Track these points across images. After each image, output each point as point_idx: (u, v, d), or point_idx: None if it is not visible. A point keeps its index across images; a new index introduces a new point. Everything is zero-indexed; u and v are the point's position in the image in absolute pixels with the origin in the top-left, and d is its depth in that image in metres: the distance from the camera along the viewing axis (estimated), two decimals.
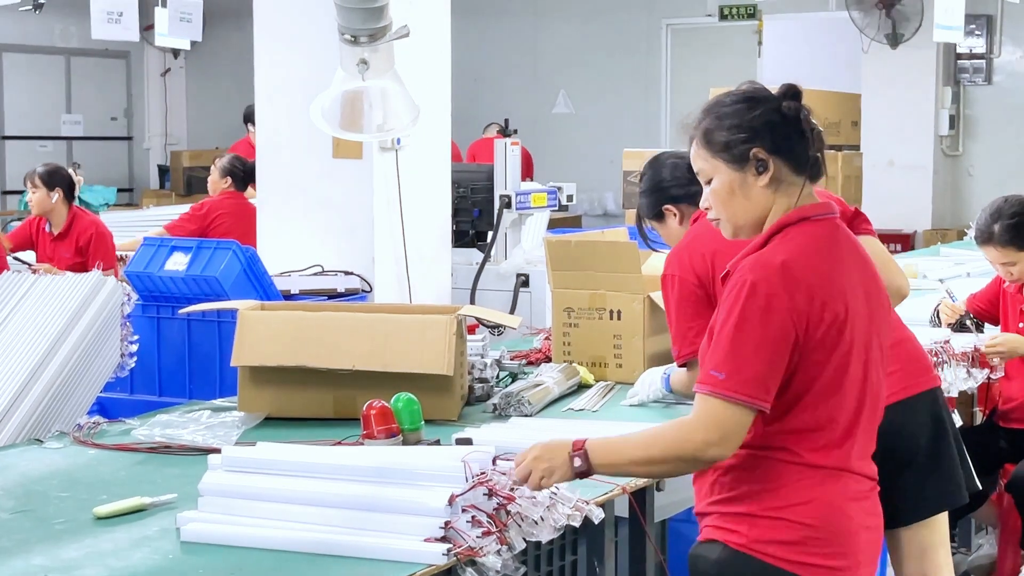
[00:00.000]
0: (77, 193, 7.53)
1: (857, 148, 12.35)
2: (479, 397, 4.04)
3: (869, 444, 2.74)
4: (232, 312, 4.27)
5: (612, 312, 4.39)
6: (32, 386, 3.98)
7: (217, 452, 2.96)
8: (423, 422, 3.41)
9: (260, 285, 5.57)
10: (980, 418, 5.30)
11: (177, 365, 5.45)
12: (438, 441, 3.37)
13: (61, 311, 4.18)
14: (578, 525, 2.83)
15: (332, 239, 6.33)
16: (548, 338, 4.70)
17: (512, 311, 6.80)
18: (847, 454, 2.66)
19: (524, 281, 7.07)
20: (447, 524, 2.57)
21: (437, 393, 3.74)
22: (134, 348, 4.34)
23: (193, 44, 11.58)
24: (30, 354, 4.05)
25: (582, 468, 2.65)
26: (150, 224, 8.46)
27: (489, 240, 7.23)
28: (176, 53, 15.40)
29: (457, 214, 7.24)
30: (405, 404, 3.39)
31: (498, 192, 7.27)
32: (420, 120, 4.26)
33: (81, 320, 4.18)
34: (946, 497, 3.77)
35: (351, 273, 6.23)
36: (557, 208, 7.89)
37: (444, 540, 2.56)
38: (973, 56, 12.70)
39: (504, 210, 7.20)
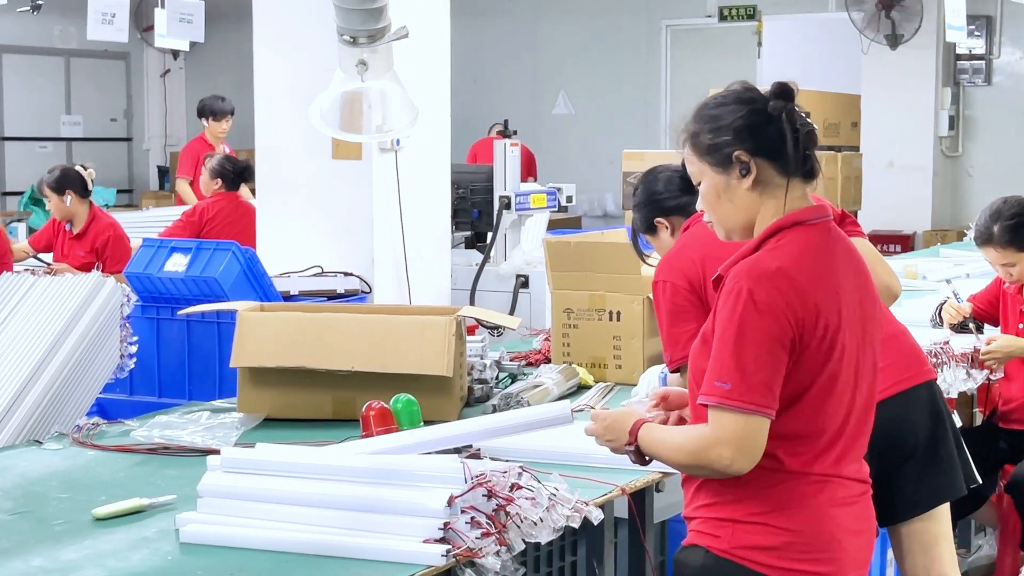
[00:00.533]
0: (90, 188, 7.52)
1: (857, 149, 12.34)
2: (478, 398, 4.04)
3: (859, 448, 2.72)
4: (231, 313, 4.27)
5: (611, 313, 4.39)
6: (31, 387, 3.98)
7: (216, 453, 2.97)
8: (422, 423, 3.41)
9: (259, 286, 5.57)
10: (980, 419, 5.30)
11: (176, 366, 5.45)
12: None
13: (60, 312, 4.18)
14: (577, 526, 2.83)
15: (331, 240, 6.33)
16: (547, 339, 4.70)
17: (512, 312, 6.80)
18: (833, 460, 2.64)
19: (524, 282, 7.07)
20: (446, 525, 2.57)
21: (436, 394, 3.74)
22: (133, 349, 4.34)
23: (192, 45, 11.60)
24: (29, 355, 4.05)
25: (635, 460, 2.75)
26: (150, 225, 8.45)
27: (489, 241, 7.23)
28: (175, 54, 15.40)
29: (457, 215, 7.24)
30: (404, 405, 3.39)
31: (498, 193, 7.27)
32: (419, 121, 4.26)
33: (81, 321, 4.18)
34: (945, 490, 3.77)
35: (350, 274, 6.22)
36: (557, 209, 7.89)
37: (443, 541, 2.57)
38: (973, 57, 12.70)
39: (504, 211, 7.20)
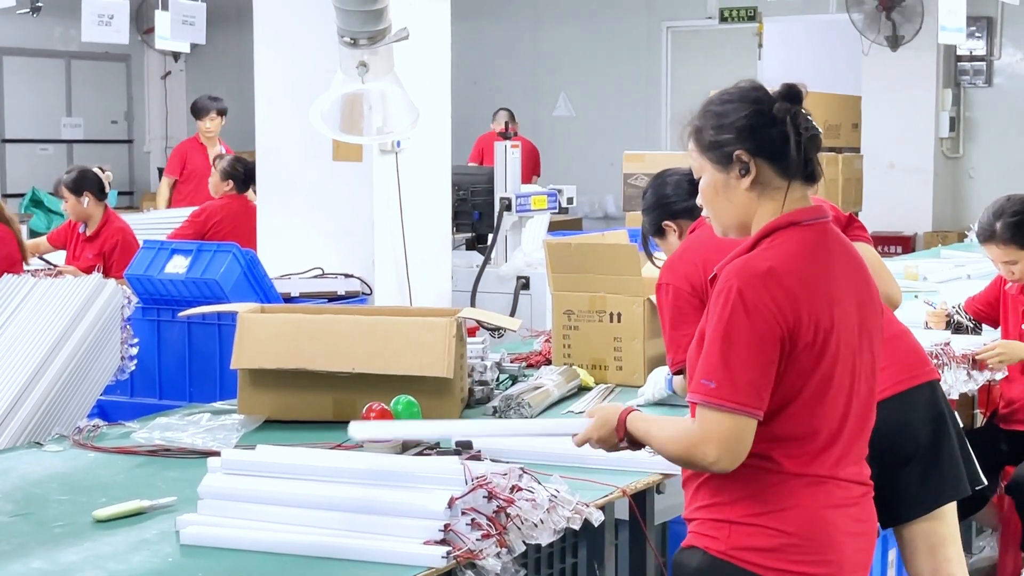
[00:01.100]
0: (107, 191, 7.53)
1: (857, 150, 12.35)
2: (479, 400, 4.04)
3: (858, 449, 2.71)
4: (232, 315, 4.27)
5: (612, 315, 4.39)
6: (32, 389, 3.98)
7: (217, 455, 2.96)
8: None
9: (260, 288, 5.57)
10: (981, 420, 5.30)
11: (177, 368, 5.44)
12: (438, 444, 3.37)
13: (61, 314, 4.18)
14: (578, 528, 2.83)
15: (332, 242, 6.33)
16: (548, 341, 4.70)
17: (512, 314, 6.80)
18: (831, 462, 2.64)
19: (524, 284, 7.06)
20: (447, 527, 2.57)
21: (437, 395, 3.74)
22: (134, 351, 4.34)
23: (193, 47, 11.59)
24: (30, 357, 4.05)
25: (626, 448, 2.75)
26: (150, 226, 8.44)
27: (489, 243, 7.22)
28: (176, 56, 15.40)
29: (457, 216, 7.24)
30: (405, 406, 3.39)
31: (498, 194, 7.27)
32: (420, 122, 4.26)
33: (81, 323, 4.18)
34: (947, 490, 3.77)
35: (351, 276, 6.22)
36: (557, 210, 7.89)
37: (444, 543, 2.56)
38: (973, 58, 12.70)
39: (504, 213, 7.20)
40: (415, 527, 2.60)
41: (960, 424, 3.92)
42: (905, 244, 12.08)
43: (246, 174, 7.85)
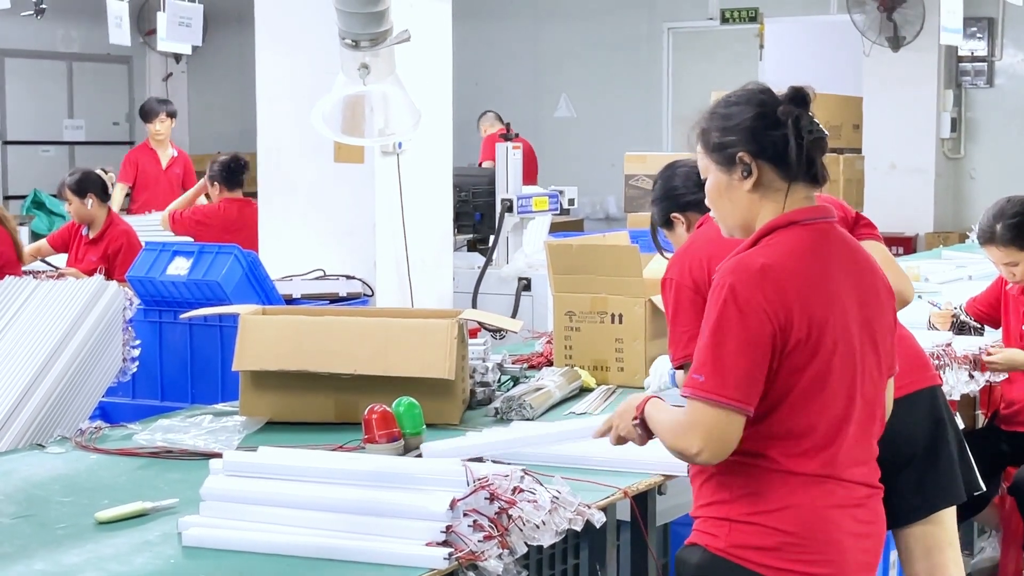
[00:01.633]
0: (111, 193, 7.52)
1: (859, 151, 12.35)
2: (481, 401, 4.04)
3: (863, 451, 2.72)
4: (234, 317, 4.28)
5: (613, 316, 4.39)
6: (34, 391, 3.98)
7: (219, 457, 2.97)
8: (424, 426, 3.41)
9: (262, 289, 5.58)
10: (982, 421, 5.30)
11: (179, 370, 5.45)
12: None
13: (63, 316, 4.18)
14: (580, 529, 2.83)
15: (334, 243, 6.34)
16: (550, 342, 4.70)
17: (514, 315, 6.80)
18: (832, 461, 2.65)
19: (526, 285, 7.07)
20: (448, 528, 2.57)
21: (439, 397, 3.74)
22: (136, 353, 4.35)
23: (195, 49, 11.58)
24: (32, 359, 4.05)
25: (638, 433, 2.78)
26: (151, 228, 8.44)
27: (491, 244, 7.23)
28: (178, 58, 15.40)
29: (458, 218, 7.24)
30: (406, 408, 3.39)
31: (500, 196, 7.27)
32: (421, 124, 4.26)
33: (83, 325, 4.18)
34: (944, 495, 3.77)
35: (353, 277, 6.23)
36: (559, 212, 7.89)
37: (445, 544, 2.57)
38: (974, 59, 12.70)
39: (506, 214, 7.21)
40: (417, 528, 2.60)
41: (960, 430, 3.91)
42: (906, 245, 12.08)
43: (225, 170, 7.74)
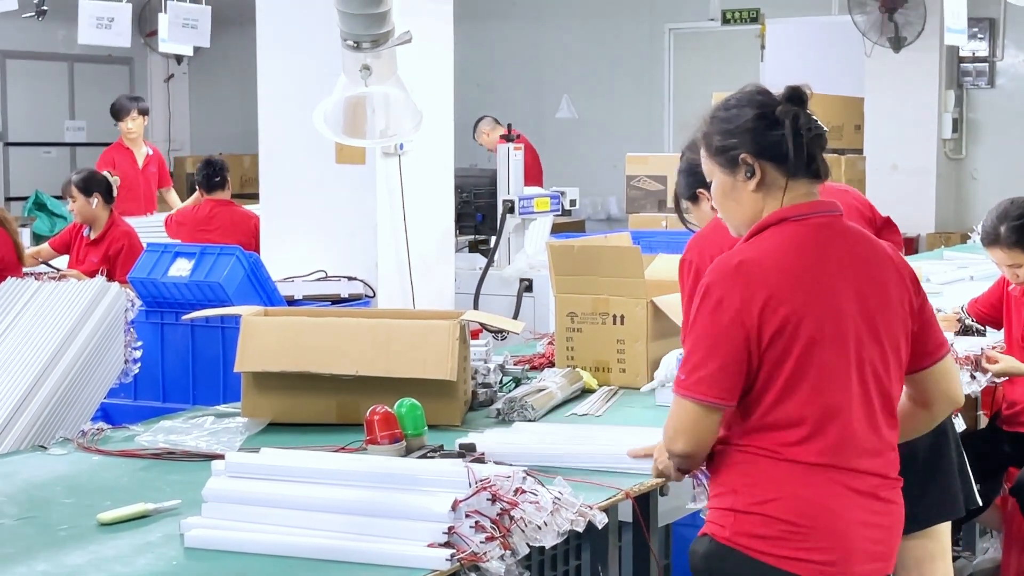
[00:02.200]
0: (115, 194, 7.53)
1: (860, 152, 12.35)
2: (482, 402, 4.04)
3: (876, 441, 2.75)
4: (236, 318, 4.28)
5: (615, 317, 4.39)
6: (36, 392, 3.99)
7: (221, 458, 2.96)
8: (426, 427, 3.41)
9: (264, 291, 5.58)
10: (984, 422, 5.29)
11: (181, 371, 5.46)
12: (441, 447, 3.37)
13: (65, 317, 4.18)
14: (581, 530, 2.83)
15: (335, 244, 6.34)
16: (551, 343, 4.70)
17: (515, 316, 6.80)
18: (832, 450, 2.69)
19: (527, 286, 7.07)
20: (450, 529, 2.57)
21: (440, 398, 3.74)
22: (138, 354, 4.35)
23: (196, 50, 11.58)
24: (34, 360, 4.05)
25: (680, 475, 2.91)
26: (152, 229, 8.45)
27: (492, 245, 7.23)
28: (179, 59, 15.40)
29: (460, 219, 7.24)
30: (408, 409, 3.39)
31: (501, 197, 7.27)
32: (423, 125, 4.26)
33: (85, 326, 4.18)
34: (941, 509, 3.76)
35: (354, 278, 6.23)
36: (560, 213, 7.90)
37: (447, 545, 2.56)
38: (976, 59, 12.69)
39: (507, 215, 7.21)
40: (419, 529, 2.60)
41: (961, 443, 3.90)
42: (908, 245, 12.06)
43: (200, 174, 7.81)
